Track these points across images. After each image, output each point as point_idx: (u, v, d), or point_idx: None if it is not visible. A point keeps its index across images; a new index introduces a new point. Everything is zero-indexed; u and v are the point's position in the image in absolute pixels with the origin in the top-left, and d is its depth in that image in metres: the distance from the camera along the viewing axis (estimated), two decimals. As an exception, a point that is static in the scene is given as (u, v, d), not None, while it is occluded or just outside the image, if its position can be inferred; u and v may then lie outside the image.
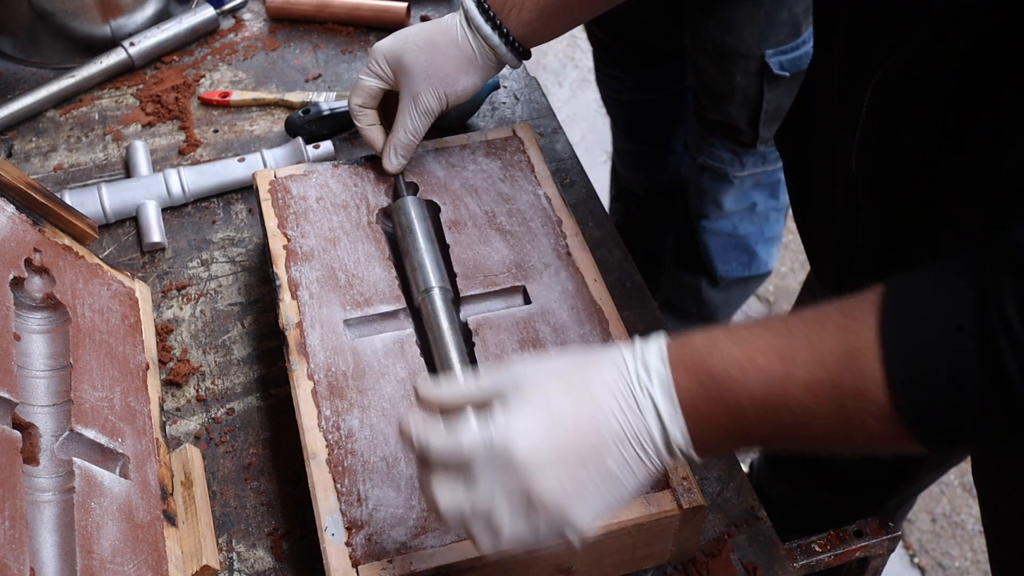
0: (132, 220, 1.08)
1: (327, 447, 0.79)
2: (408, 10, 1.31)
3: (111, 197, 1.07)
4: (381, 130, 0.99)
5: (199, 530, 0.80)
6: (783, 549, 0.82)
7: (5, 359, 0.75)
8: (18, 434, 0.73)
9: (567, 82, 2.91)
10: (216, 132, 1.19)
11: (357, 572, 0.72)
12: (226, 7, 1.33)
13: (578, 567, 0.77)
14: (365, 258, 0.93)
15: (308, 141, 1.14)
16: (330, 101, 1.18)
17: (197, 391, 0.94)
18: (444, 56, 0.93)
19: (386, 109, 0.99)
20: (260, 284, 1.03)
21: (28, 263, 0.83)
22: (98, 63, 1.23)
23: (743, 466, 1.21)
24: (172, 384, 0.94)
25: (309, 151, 1.11)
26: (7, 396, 0.73)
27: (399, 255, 0.93)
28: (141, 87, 1.24)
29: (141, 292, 0.96)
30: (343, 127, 1.16)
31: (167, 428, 0.90)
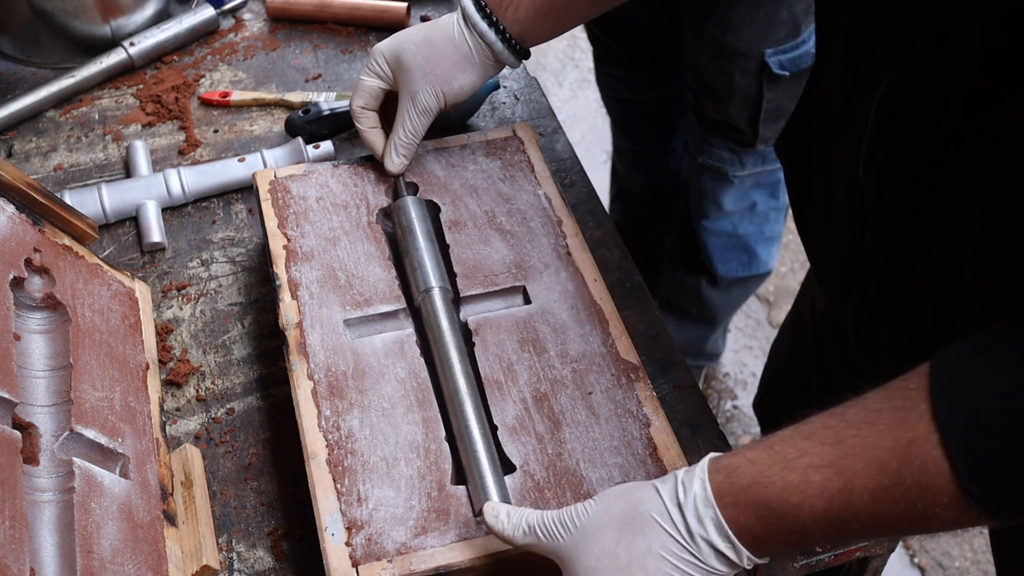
0: (132, 220, 1.08)
1: (327, 447, 0.79)
2: (408, 10, 1.31)
3: (111, 197, 1.07)
4: (382, 133, 0.99)
5: (199, 530, 0.80)
6: (783, 549, 0.82)
7: (5, 359, 0.75)
8: (18, 434, 0.73)
9: (567, 82, 2.91)
10: (216, 132, 1.19)
11: (357, 572, 0.72)
12: (226, 7, 1.33)
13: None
14: (365, 258, 0.93)
15: (308, 141, 1.13)
16: (330, 101, 1.18)
17: (197, 391, 0.94)
18: (441, 54, 0.93)
19: (387, 113, 0.99)
20: (260, 284, 1.03)
21: (28, 263, 0.83)
22: (98, 63, 1.23)
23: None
24: (172, 384, 0.94)
25: (309, 151, 1.11)
26: (7, 396, 0.73)
27: (399, 255, 0.93)
28: (141, 87, 1.24)
29: (141, 292, 0.96)
30: (343, 127, 1.16)
31: (167, 428, 0.90)
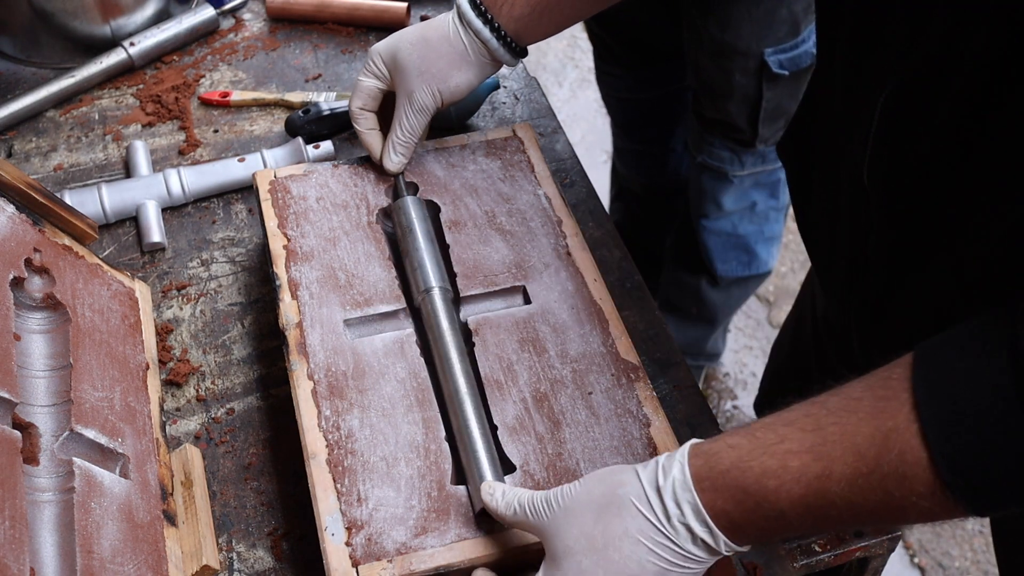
0: (132, 220, 1.08)
1: (327, 447, 0.79)
2: (408, 10, 1.31)
3: (111, 197, 1.07)
4: (379, 135, 0.99)
5: (199, 530, 0.80)
6: (783, 549, 0.82)
7: (5, 359, 0.75)
8: (18, 434, 0.73)
9: (567, 82, 2.91)
10: (216, 132, 1.19)
11: (357, 572, 0.72)
12: (226, 7, 1.33)
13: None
14: (365, 258, 0.93)
15: (308, 141, 1.13)
16: (330, 101, 1.18)
17: (197, 391, 0.94)
18: (437, 52, 0.93)
19: (387, 114, 0.99)
20: (260, 284, 1.03)
21: (28, 263, 0.83)
22: (98, 63, 1.23)
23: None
24: (172, 384, 0.94)
25: (309, 151, 1.11)
26: (7, 396, 0.73)
27: (399, 255, 0.93)
28: (141, 87, 1.24)
29: (141, 292, 0.96)
30: (343, 127, 1.16)
31: (167, 428, 0.90)
